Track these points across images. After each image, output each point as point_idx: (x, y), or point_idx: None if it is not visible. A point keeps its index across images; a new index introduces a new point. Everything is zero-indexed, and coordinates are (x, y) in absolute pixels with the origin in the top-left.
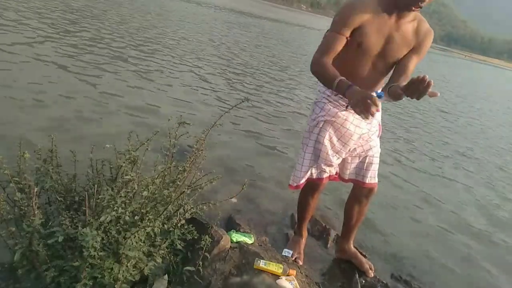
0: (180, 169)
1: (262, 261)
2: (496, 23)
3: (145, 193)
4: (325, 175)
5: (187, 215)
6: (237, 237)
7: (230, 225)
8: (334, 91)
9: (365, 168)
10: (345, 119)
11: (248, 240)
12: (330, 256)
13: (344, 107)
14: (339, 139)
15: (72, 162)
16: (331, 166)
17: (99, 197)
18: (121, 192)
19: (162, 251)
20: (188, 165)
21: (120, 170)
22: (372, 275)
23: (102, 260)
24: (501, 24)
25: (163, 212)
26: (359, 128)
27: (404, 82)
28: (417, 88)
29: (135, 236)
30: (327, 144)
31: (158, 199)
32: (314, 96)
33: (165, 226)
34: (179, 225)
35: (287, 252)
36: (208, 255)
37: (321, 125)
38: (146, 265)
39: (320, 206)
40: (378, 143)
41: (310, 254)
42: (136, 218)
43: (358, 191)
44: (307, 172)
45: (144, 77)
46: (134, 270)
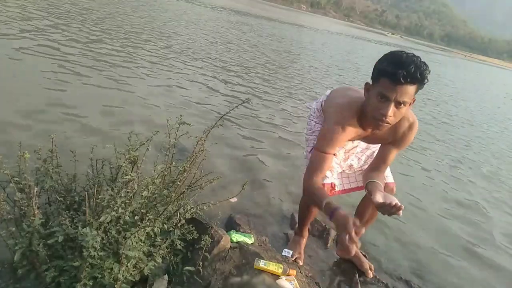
0: (180, 169)
1: (262, 261)
2: (496, 23)
3: (145, 193)
4: (327, 181)
5: (187, 215)
6: (237, 237)
7: (230, 225)
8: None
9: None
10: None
11: (248, 240)
12: (330, 256)
13: None
14: (343, 153)
15: (72, 162)
16: (332, 172)
17: (99, 197)
18: (121, 192)
19: (162, 251)
20: (188, 165)
21: (120, 170)
22: (371, 276)
23: (102, 260)
24: (501, 24)
25: (163, 212)
26: (361, 143)
27: (381, 174)
28: (389, 210)
29: (135, 236)
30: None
31: (158, 199)
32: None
33: (165, 226)
34: (179, 225)
35: (287, 252)
36: (208, 255)
37: (316, 134)
38: (146, 265)
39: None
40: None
41: (310, 254)
42: (136, 218)
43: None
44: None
45: (143, 77)
46: (134, 270)
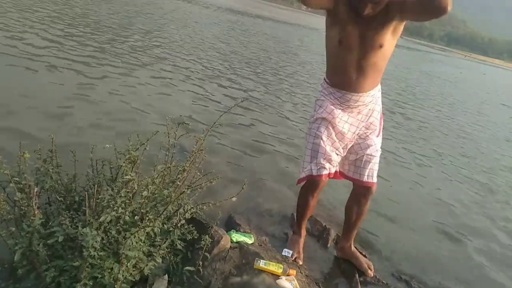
0: (180, 169)
1: (262, 261)
2: (496, 23)
3: (145, 193)
4: (324, 172)
5: (187, 215)
6: (237, 237)
7: (230, 225)
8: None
9: (362, 166)
10: (340, 117)
11: (248, 240)
12: (330, 256)
13: (340, 106)
14: (336, 135)
15: (72, 162)
16: (330, 161)
17: (99, 197)
18: (121, 192)
19: (162, 251)
20: (188, 165)
21: (120, 170)
22: (371, 275)
23: (102, 260)
24: (501, 24)
25: (163, 212)
26: (353, 126)
27: None
28: None
29: (135, 236)
30: (325, 139)
31: (158, 199)
32: (317, 95)
33: (165, 226)
34: (179, 225)
35: (287, 252)
36: (208, 255)
37: (319, 121)
38: (146, 265)
39: (320, 205)
40: (378, 143)
41: (310, 254)
42: (136, 218)
43: (357, 190)
44: (308, 167)
45: (142, 77)
46: (134, 270)
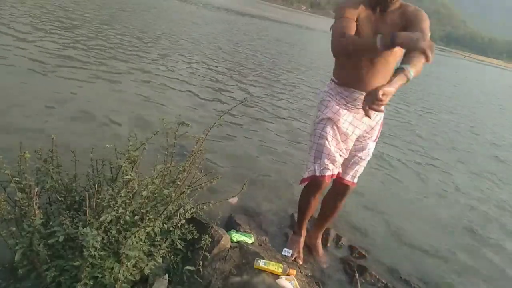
0: (180, 169)
1: (262, 260)
2: (495, 24)
3: (145, 193)
4: (328, 173)
5: (187, 215)
6: (237, 236)
7: (230, 224)
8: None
9: (349, 165)
10: (345, 118)
11: (248, 239)
12: (330, 256)
13: (346, 106)
14: (341, 136)
15: (72, 162)
16: (334, 162)
17: (100, 197)
18: (121, 192)
19: (163, 251)
20: (188, 165)
21: (120, 170)
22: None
23: (103, 259)
24: (500, 24)
25: (163, 211)
26: (357, 128)
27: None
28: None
29: (136, 235)
30: (330, 139)
31: (158, 199)
32: (320, 96)
33: (165, 225)
34: (179, 224)
35: (287, 251)
36: (208, 255)
37: (324, 122)
38: (147, 264)
39: (319, 206)
40: (372, 148)
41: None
42: (136, 218)
43: (337, 187)
44: (311, 168)
45: (141, 76)
46: (134, 270)
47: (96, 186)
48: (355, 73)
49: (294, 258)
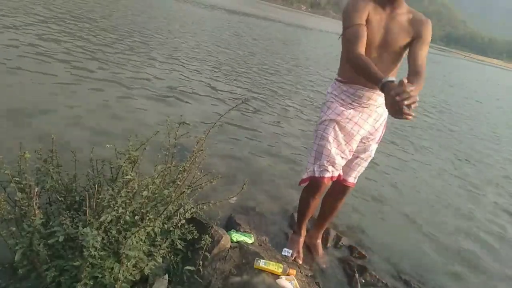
0: (180, 169)
1: (262, 260)
2: (495, 24)
3: (145, 193)
4: (327, 174)
5: (187, 215)
6: (237, 236)
7: (230, 224)
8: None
9: (351, 167)
10: (350, 119)
11: (248, 239)
12: (330, 256)
13: (351, 105)
14: (344, 137)
15: (72, 162)
16: (334, 164)
17: (100, 197)
18: (121, 192)
19: (163, 251)
20: (188, 165)
21: (120, 170)
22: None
23: (103, 259)
24: (500, 24)
25: (163, 212)
26: (362, 129)
27: (419, 77)
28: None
29: (136, 235)
30: (331, 141)
31: (158, 199)
32: (325, 98)
33: (165, 225)
34: (179, 224)
35: (287, 251)
36: (208, 255)
37: (327, 123)
38: (147, 264)
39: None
40: (374, 149)
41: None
42: (136, 218)
43: (337, 187)
44: (311, 168)
45: (141, 77)
46: (134, 270)
47: (96, 186)
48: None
49: (294, 258)
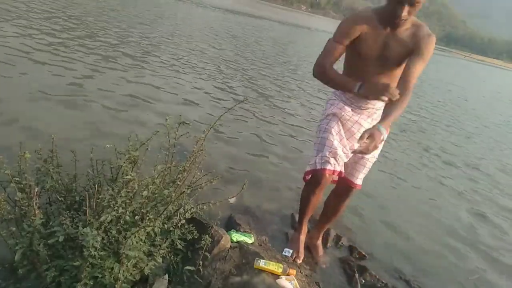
0: (180, 169)
1: (262, 260)
2: (495, 24)
3: (145, 193)
4: (328, 166)
5: (187, 215)
6: (237, 236)
7: (230, 224)
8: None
9: (356, 168)
10: (350, 116)
11: (248, 239)
12: (330, 256)
13: (350, 106)
14: (345, 133)
15: (72, 162)
16: (336, 155)
17: (100, 197)
18: (121, 192)
19: (163, 251)
20: (188, 165)
21: (120, 170)
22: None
23: (103, 259)
24: (500, 24)
25: (163, 212)
26: (363, 128)
27: (403, 84)
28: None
29: (136, 235)
30: (334, 133)
31: (158, 199)
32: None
33: (165, 225)
34: (179, 224)
35: (287, 251)
36: (208, 255)
37: (330, 117)
38: (147, 264)
39: (320, 206)
40: (378, 150)
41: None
42: (136, 218)
43: (342, 188)
44: (313, 161)
45: (142, 77)
46: (134, 270)
47: (96, 186)
48: (363, 80)
49: (294, 258)
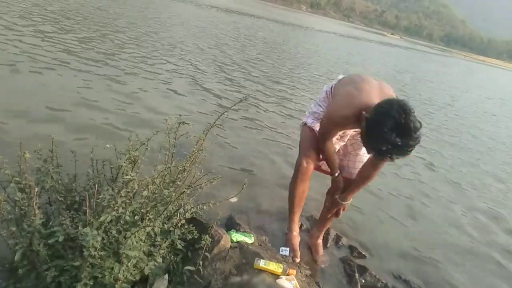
0: (180, 169)
1: (262, 260)
2: (495, 24)
3: (145, 193)
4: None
5: (187, 215)
6: (237, 236)
7: (230, 224)
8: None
9: (355, 166)
10: None
11: (248, 239)
12: (330, 256)
13: None
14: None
15: (72, 162)
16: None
17: (100, 197)
18: (121, 192)
19: (163, 251)
20: (188, 165)
21: (120, 170)
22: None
23: (103, 259)
24: (500, 24)
25: (163, 212)
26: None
27: (359, 176)
28: None
29: (136, 235)
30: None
31: (158, 199)
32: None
33: (165, 225)
34: (179, 224)
35: (284, 250)
36: (208, 255)
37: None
38: (147, 264)
39: (320, 205)
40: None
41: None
42: (136, 218)
43: (336, 182)
44: (305, 119)
45: (141, 77)
46: (134, 270)
47: (96, 186)
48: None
49: (292, 258)
